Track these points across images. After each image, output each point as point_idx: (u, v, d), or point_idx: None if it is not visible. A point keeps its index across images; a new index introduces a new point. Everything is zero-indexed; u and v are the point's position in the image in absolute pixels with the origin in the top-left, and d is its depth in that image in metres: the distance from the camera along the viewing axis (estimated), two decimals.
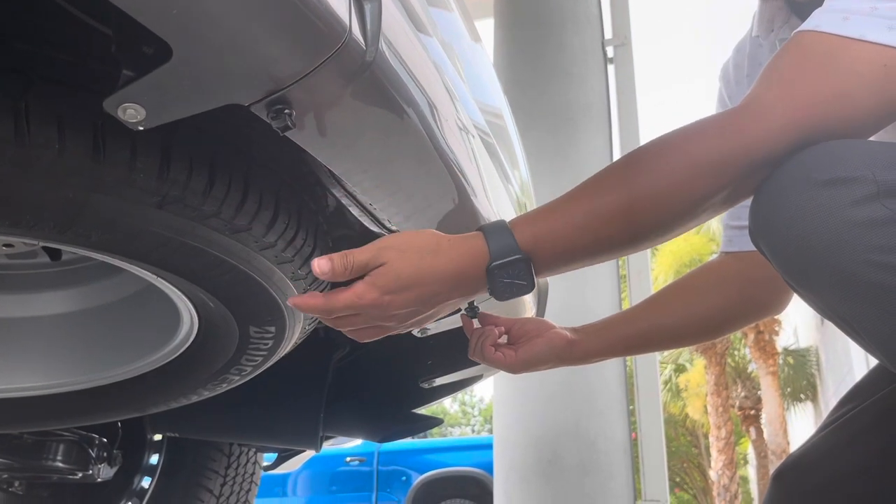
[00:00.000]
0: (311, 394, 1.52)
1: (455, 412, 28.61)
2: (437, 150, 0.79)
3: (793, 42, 0.76)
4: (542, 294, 1.52)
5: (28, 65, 0.65)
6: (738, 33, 1.20)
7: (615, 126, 3.57)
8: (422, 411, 1.68)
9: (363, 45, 0.62)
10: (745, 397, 14.37)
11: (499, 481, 3.26)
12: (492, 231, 0.80)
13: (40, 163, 0.64)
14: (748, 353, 14.17)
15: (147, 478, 1.85)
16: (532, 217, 0.81)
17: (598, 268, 3.30)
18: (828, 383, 13.16)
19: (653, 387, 3.28)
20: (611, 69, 3.70)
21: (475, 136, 0.98)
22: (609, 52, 3.72)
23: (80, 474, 1.61)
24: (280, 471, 2.08)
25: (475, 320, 1.09)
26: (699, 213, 0.77)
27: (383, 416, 1.67)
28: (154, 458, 1.87)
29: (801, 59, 0.74)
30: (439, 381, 1.48)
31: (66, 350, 1.16)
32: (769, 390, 13.36)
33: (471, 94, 1.04)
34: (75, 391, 1.17)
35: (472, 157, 0.92)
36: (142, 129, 0.64)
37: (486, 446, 5.95)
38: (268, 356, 1.07)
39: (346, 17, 0.59)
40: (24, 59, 0.66)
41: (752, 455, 16.00)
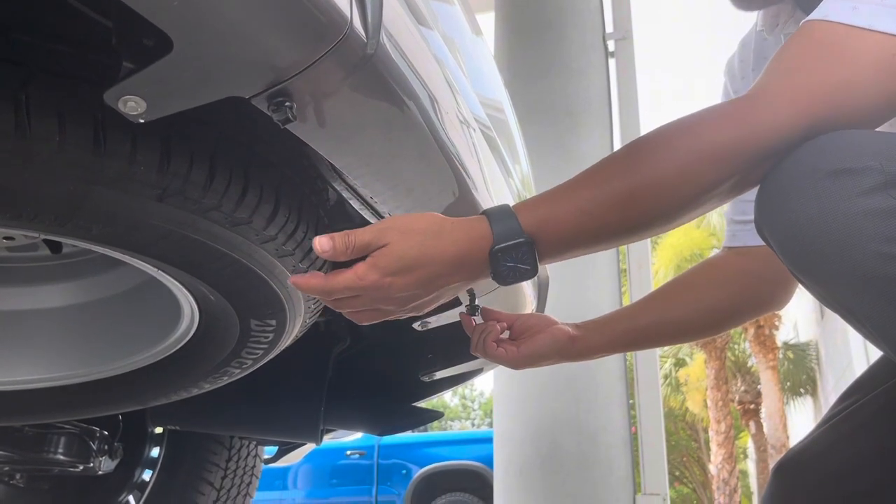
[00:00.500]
0: (312, 387, 1.52)
1: (455, 406, 28.66)
2: (438, 144, 0.79)
3: (801, 32, 0.75)
4: (542, 289, 1.52)
5: (28, 57, 0.65)
6: (740, 26, 1.20)
7: (616, 120, 3.57)
8: (422, 405, 1.68)
9: (364, 38, 0.62)
10: (745, 391, 14.39)
11: (499, 475, 3.27)
12: (496, 214, 0.79)
13: (41, 155, 0.64)
14: (748, 348, 14.18)
15: (148, 471, 1.86)
16: (536, 202, 0.80)
17: (599, 262, 3.30)
18: (827, 378, 13.18)
19: (653, 381, 3.28)
20: (612, 63, 3.69)
21: (476, 130, 0.98)
22: (610, 45, 3.71)
23: (81, 467, 1.62)
24: (281, 464, 2.09)
25: (475, 318, 1.09)
26: (704, 201, 0.76)
27: (384, 410, 1.67)
28: (155, 451, 1.87)
29: (809, 49, 0.74)
30: (440, 375, 1.48)
31: (67, 343, 1.16)
32: (769, 385, 13.38)
33: (472, 88, 1.04)
34: (76, 384, 1.17)
35: (473, 151, 0.92)
36: (142, 121, 0.64)
37: (486, 440, 5.96)
38: (268, 349, 1.07)
39: (346, 10, 0.59)
40: (25, 52, 0.65)
41: (751, 449, 16.04)
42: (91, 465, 1.62)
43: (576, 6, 3.69)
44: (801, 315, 15.06)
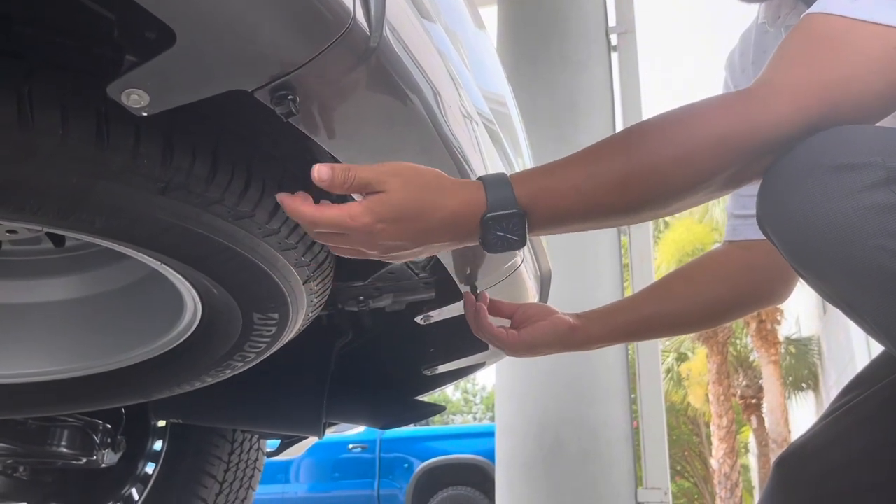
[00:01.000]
0: (314, 381, 1.52)
1: (457, 400, 28.69)
2: (441, 137, 0.79)
3: (802, 25, 0.75)
4: (544, 283, 1.52)
5: (32, 50, 0.65)
6: (744, 19, 1.20)
7: (619, 115, 3.56)
8: (424, 399, 1.68)
9: (367, 31, 0.62)
10: (747, 386, 14.39)
11: (500, 469, 3.28)
12: (492, 182, 0.78)
13: (44, 148, 0.64)
14: (750, 343, 14.18)
15: (151, 464, 1.86)
16: (533, 174, 0.80)
17: (601, 257, 3.30)
18: (829, 373, 13.18)
19: (654, 375, 3.28)
20: (614, 57, 3.68)
21: (479, 124, 0.98)
22: (613, 39, 3.70)
23: (84, 460, 1.62)
24: (283, 457, 2.09)
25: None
26: (699, 190, 0.76)
27: (386, 404, 1.67)
28: (158, 445, 1.88)
29: (809, 42, 0.73)
30: (442, 369, 1.48)
31: (70, 336, 1.16)
32: (771, 379, 13.37)
33: (475, 82, 1.03)
34: (79, 377, 1.18)
35: (475, 145, 0.92)
36: (145, 114, 0.64)
37: (488, 434, 5.96)
38: (271, 343, 1.07)
39: (350, 3, 0.59)
40: (28, 45, 0.65)
41: (753, 444, 16.05)
42: (94, 458, 1.63)
43: (578, 0, 3.68)
44: (803, 310, 15.05)
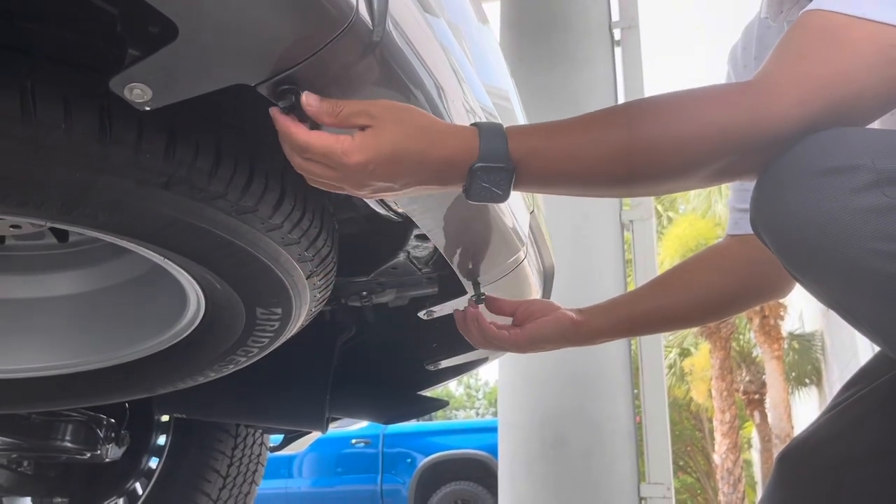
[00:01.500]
0: (317, 376, 1.52)
1: (460, 395, 28.72)
2: None
3: (801, 21, 0.75)
4: (547, 278, 1.52)
5: (34, 44, 0.65)
6: (747, 13, 1.20)
7: None
8: (427, 394, 1.69)
9: (370, 25, 0.62)
10: (750, 381, 14.38)
11: (503, 464, 3.28)
12: (487, 132, 0.76)
13: (47, 143, 0.64)
14: (753, 338, 14.16)
15: (155, 458, 1.87)
16: (529, 131, 0.79)
17: (604, 251, 3.29)
18: (833, 368, 13.16)
19: (657, 370, 3.28)
20: (617, 52, 3.67)
21: (482, 118, 0.98)
22: (616, 34, 3.69)
23: (88, 454, 1.63)
24: (286, 452, 2.09)
25: (480, 307, 1.10)
26: (690, 176, 0.76)
27: (389, 399, 1.67)
28: (161, 439, 1.88)
29: (809, 39, 0.74)
30: (445, 364, 1.48)
31: (74, 331, 1.16)
32: (774, 375, 13.36)
33: (478, 76, 1.03)
34: (83, 372, 1.18)
35: None
36: (148, 109, 0.64)
37: (491, 429, 5.96)
38: (274, 338, 1.07)
39: None
40: (30, 39, 0.65)
41: (755, 439, 16.05)
42: (98, 452, 1.63)
43: None
44: (806, 305, 15.02)
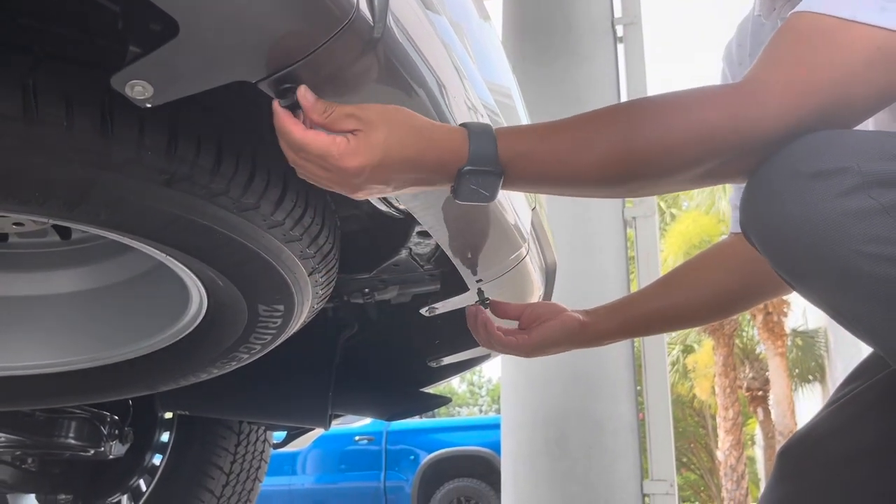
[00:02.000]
0: (320, 372, 1.52)
1: (463, 392, 28.72)
2: None
3: (790, 23, 0.76)
4: (549, 275, 1.52)
5: (35, 42, 0.65)
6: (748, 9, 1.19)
7: None
8: (430, 391, 1.69)
9: (371, 22, 0.62)
10: (753, 378, 14.36)
11: (506, 461, 3.28)
12: (476, 133, 0.76)
13: (48, 140, 0.64)
14: (756, 335, 14.15)
15: (158, 455, 1.87)
16: (518, 133, 0.79)
17: (607, 248, 3.29)
18: (836, 365, 13.14)
19: (660, 367, 3.28)
20: (620, 48, 3.66)
21: (484, 116, 0.98)
22: (619, 30, 3.68)
23: (91, 451, 1.63)
24: (289, 449, 2.10)
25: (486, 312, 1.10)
26: (677, 178, 0.77)
27: (391, 395, 1.67)
28: (165, 436, 1.88)
29: (797, 41, 0.74)
30: (447, 361, 1.48)
31: (77, 328, 1.16)
32: (777, 371, 13.34)
33: (479, 73, 1.03)
34: (86, 369, 1.18)
35: None
36: (149, 106, 0.64)
37: (494, 426, 5.97)
38: (277, 334, 1.07)
39: None
40: (32, 37, 0.65)
41: (759, 436, 16.04)
42: (102, 449, 1.64)
43: None
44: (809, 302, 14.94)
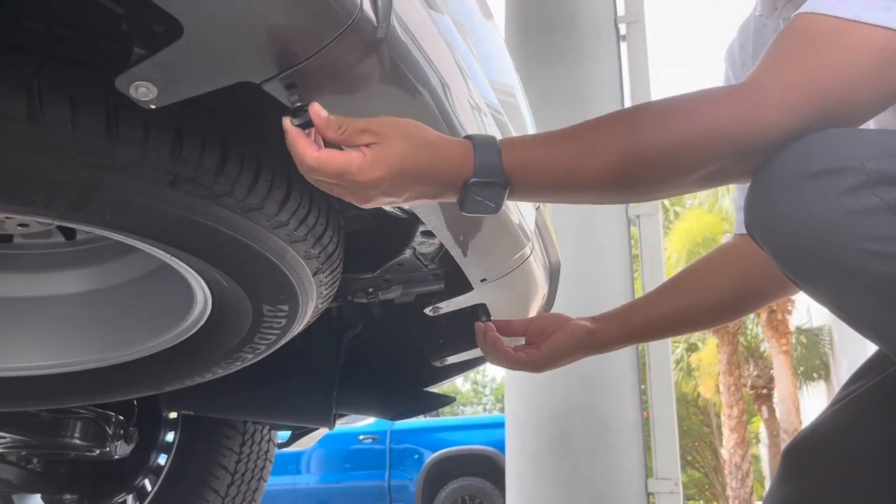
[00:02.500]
0: (324, 372, 1.53)
1: (467, 391, 28.73)
2: (449, 129, 0.79)
3: (793, 24, 0.76)
4: (553, 274, 1.52)
5: (40, 44, 0.65)
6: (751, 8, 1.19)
7: (628, 103, 3.54)
8: (434, 390, 1.69)
9: (374, 22, 0.62)
10: (758, 376, 14.35)
11: (511, 460, 3.28)
12: (481, 145, 0.76)
13: (53, 141, 0.64)
14: (761, 333, 14.13)
15: (163, 455, 1.88)
16: (522, 144, 0.80)
17: (610, 247, 3.29)
18: (841, 362, 13.11)
19: (665, 366, 3.28)
20: (623, 46, 3.66)
21: (487, 115, 0.98)
22: (622, 29, 3.68)
23: (97, 451, 1.63)
24: (294, 448, 2.10)
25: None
26: (681, 182, 0.77)
27: (395, 395, 1.67)
28: (170, 436, 1.89)
29: (800, 42, 0.74)
30: (451, 360, 1.48)
31: (82, 329, 1.17)
32: (782, 369, 13.32)
33: (483, 72, 1.03)
34: (91, 369, 1.18)
35: None
36: (154, 107, 0.64)
37: (498, 425, 5.97)
38: (281, 334, 1.07)
39: None
40: (36, 38, 0.66)
41: (763, 434, 16.02)
42: (107, 449, 1.64)
43: None
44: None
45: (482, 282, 1.11)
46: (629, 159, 0.75)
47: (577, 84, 3.47)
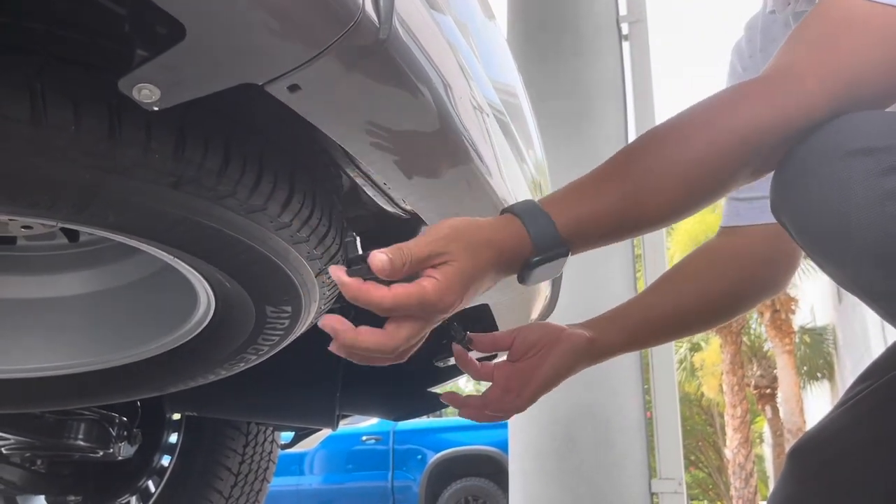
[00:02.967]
0: (328, 373, 1.53)
1: (469, 391, 28.73)
2: (452, 129, 0.79)
3: (820, 8, 0.75)
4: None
5: (42, 45, 0.65)
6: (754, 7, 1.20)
7: (630, 104, 3.54)
8: (437, 390, 1.69)
9: (376, 23, 0.62)
10: (761, 376, 14.35)
11: (514, 460, 3.28)
12: (528, 217, 0.74)
13: (56, 143, 0.64)
14: (764, 332, 14.11)
15: (167, 456, 1.88)
16: (568, 202, 0.76)
17: (613, 248, 3.28)
18: (845, 362, 13.09)
19: (668, 366, 3.27)
20: (626, 46, 3.66)
21: (489, 115, 0.98)
22: (624, 28, 3.68)
23: (101, 452, 1.64)
24: (297, 449, 2.10)
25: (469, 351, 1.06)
26: (732, 186, 0.76)
27: (399, 395, 1.67)
28: (173, 437, 1.89)
29: (829, 26, 0.73)
30: (454, 361, 1.48)
31: (85, 331, 1.17)
32: (785, 369, 13.31)
33: (485, 72, 1.03)
34: (95, 371, 1.18)
35: (486, 137, 0.92)
36: (157, 109, 0.64)
37: (501, 425, 5.97)
38: (284, 336, 1.07)
39: None
40: (39, 40, 0.66)
41: (767, 434, 16.00)
42: (111, 450, 1.64)
43: None
44: (817, 299, 14.94)
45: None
46: (678, 184, 0.74)
47: (579, 84, 3.47)
